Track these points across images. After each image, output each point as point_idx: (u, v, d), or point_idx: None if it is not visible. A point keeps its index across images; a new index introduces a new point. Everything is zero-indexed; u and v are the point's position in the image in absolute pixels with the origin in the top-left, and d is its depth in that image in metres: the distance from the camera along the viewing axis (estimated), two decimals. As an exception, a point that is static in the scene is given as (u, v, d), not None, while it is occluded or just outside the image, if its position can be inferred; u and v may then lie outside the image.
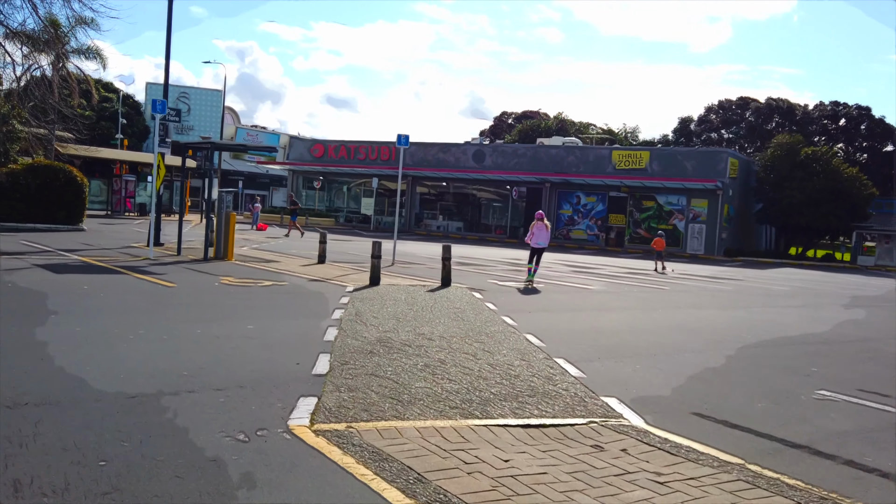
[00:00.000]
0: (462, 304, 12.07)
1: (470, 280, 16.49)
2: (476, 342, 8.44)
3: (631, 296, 16.33)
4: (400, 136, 19.94)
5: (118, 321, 8.36)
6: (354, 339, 8.11)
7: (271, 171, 67.43)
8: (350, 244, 28.81)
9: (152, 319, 8.67)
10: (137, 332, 7.75)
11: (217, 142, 18.18)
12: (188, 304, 10.32)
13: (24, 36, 28.29)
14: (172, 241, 20.25)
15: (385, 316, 10.03)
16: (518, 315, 11.03)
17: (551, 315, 11.82)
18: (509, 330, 9.53)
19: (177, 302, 10.37)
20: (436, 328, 9.27)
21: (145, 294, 10.93)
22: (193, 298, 10.96)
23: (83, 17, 36.68)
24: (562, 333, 9.71)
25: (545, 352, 8.11)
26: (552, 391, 6.27)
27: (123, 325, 8.11)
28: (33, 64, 33.81)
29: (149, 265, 15.28)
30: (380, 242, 14.56)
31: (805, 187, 44.38)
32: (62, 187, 26.07)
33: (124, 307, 9.51)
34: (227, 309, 9.93)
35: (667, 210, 45.38)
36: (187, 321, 8.78)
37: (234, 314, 9.47)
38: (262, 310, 10.14)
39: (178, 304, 10.23)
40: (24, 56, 31.50)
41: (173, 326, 8.30)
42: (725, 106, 68.96)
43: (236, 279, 13.58)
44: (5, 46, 27.67)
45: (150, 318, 8.73)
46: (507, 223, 50.34)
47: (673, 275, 23.94)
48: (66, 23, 32.82)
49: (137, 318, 8.71)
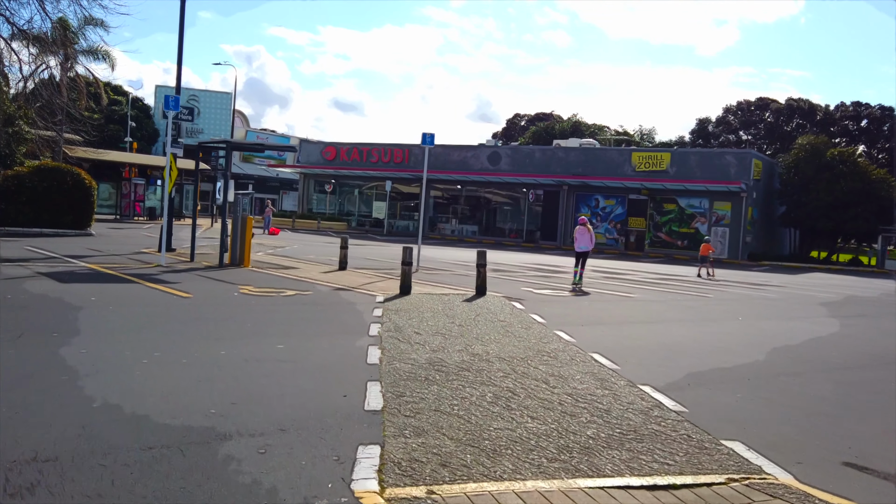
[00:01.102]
0: (506, 316, 10.95)
1: (503, 288, 15.36)
2: (541, 364, 7.32)
3: (678, 304, 15.16)
4: (425, 134, 18.86)
5: (130, 341, 7.28)
6: (402, 361, 7.00)
7: (282, 174, 66.51)
8: (367, 249, 27.72)
9: (169, 338, 7.59)
10: (153, 354, 6.67)
11: (233, 140, 17.12)
12: (207, 318, 9.23)
13: (31, 36, 27.38)
14: (185, 247, 19.24)
15: (428, 331, 8.92)
16: (571, 329, 9.91)
17: (606, 329, 10.68)
18: (571, 348, 8.40)
19: (195, 316, 9.28)
20: (489, 346, 8.15)
21: (159, 307, 9.86)
22: (213, 311, 9.88)
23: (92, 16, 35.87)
24: (629, 352, 8.57)
25: (623, 376, 6.98)
26: (658, 432, 5.14)
27: (136, 345, 7.03)
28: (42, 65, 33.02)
29: (161, 273, 14.24)
30: (410, 248, 13.46)
31: (832, 189, 42.99)
32: (69, 190, 25.11)
33: (137, 323, 8.44)
34: (251, 324, 8.84)
35: (688, 213, 44.10)
36: (209, 340, 7.69)
37: (259, 330, 8.38)
38: (291, 325, 9.05)
39: (196, 318, 9.14)
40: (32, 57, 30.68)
41: (193, 347, 7.21)
42: (744, 107, 67.58)
43: (256, 288, 12.51)
44: (12, 45, 26.76)
45: (167, 337, 7.64)
46: (524, 227, 49.13)
47: (710, 280, 22.74)
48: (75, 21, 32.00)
49: (152, 336, 7.63)
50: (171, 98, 15.38)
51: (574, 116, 76.33)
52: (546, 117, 79.62)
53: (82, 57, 38.10)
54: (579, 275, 16.87)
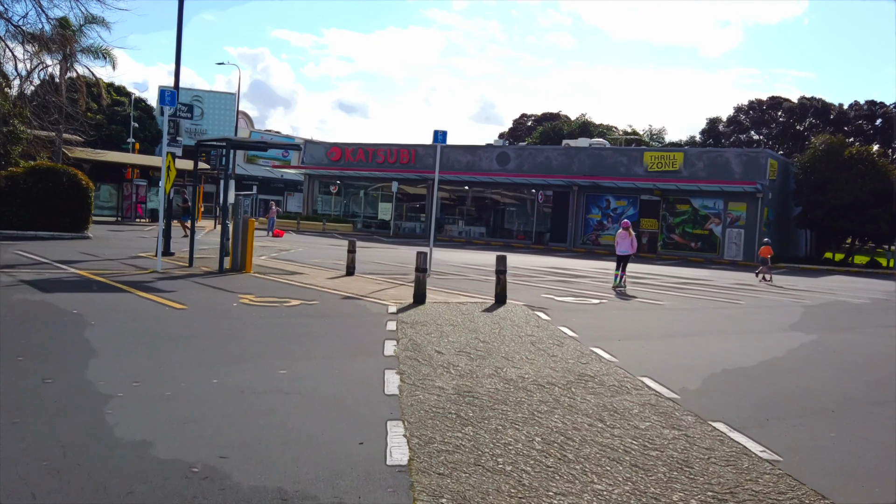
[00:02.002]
0: (532, 329, 9.89)
1: (521, 295, 14.29)
2: (587, 393, 6.26)
3: (712, 313, 14.06)
4: (436, 132, 17.79)
5: (108, 366, 6.24)
6: (426, 390, 5.94)
7: (286, 175, 65.51)
8: (374, 252, 26.67)
9: (154, 362, 6.54)
10: (132, 384, 5.63)
11: (234, 138, 16.09)
12: (201, 335, 8.18)
13: (26, 33, 26.44)
14: (184, 251, 18.21)
15: (449, 349, 7.86)
16: (608, 345, 8.84)
17: (647, 345, 9.60)
18: (615, 370, 7.33)
19: (187, 333, 8.23)
20: (522, 369, 7.09)
21: (148, 321, 8.82)
22: (208, 327, 8.83)
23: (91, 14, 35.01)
24: (682, 374, 7.49)
25: (687, 409, 5.91)
26: (761, 496, 4.07)
27: (114, 372, 5.99)
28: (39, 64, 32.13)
29: (156, 280, 13.21)
30: (424, 254, 12.40)
31: (851, 189, 41.75)
32: (66, 192, 24.12)
33: (119, 343, 7.39)
34: (250, 342, 7.80)
35: (702, 214, 42.89)
36: (200, 363, 6.64)
37: (260, 350, 7.33)
38: (295, 342, 8.00)
39: (188, 335, 8.09)
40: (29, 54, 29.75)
41: (182, 373, 6.17)
42: (756, 106, 66.33)
43: (258, 297, 11.47)
44: (6, 42, 25.80)
45: (152, 361, 6.60)
46: (532, 229, 47.99)
47: (765, 284, 21.65)
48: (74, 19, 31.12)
49: (135, 360, 6.59)
50: (167, 92, 14.35)
51: (582, 116, 75.23)
52: (553, 117, 78.49)
53: (82, 56, 37.25)
54: (621, 278, 17.46)
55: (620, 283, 17.54)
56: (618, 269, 17.75)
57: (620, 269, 17.68)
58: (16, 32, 26.13)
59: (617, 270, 17.75)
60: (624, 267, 17.77)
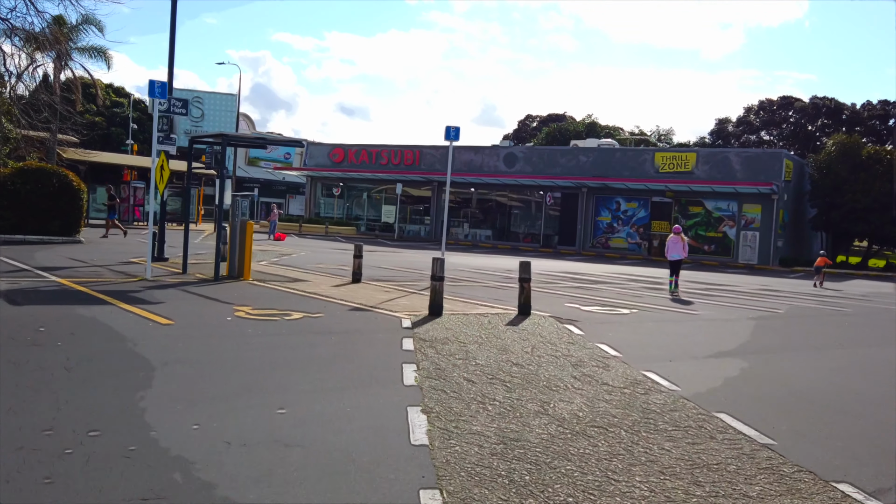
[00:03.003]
0: (568, 347, 8.64)
1: (543, 303, 13.02)
2: (665, 440, 5.01)
3: (756, 324, 12.77)
4: (448, 128, 16.61)
5: (63, 405, 5.00)
6: (463, 439, 4.70)
7: (288, 177, 64.33)
8: (379, 256, 25.43)
9: (123, 399, 5.30)
10: (87, 434, 4.39)
11: (230, 134, 14.85)
12: (186, 359, 6.93)
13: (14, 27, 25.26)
14: (180, 255, 16.98)
15: (481, 376, 6.62)
16: (661, 367, 7.60)
17: (703, 366, 8.34)
18: (684, 405, 6.08)
19: (169, 357, 6.97)
20: (573, 403, 5.85)
21: (126, 342, 7.57)
22: (195, 347, 7.58)
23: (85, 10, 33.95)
24: (764, 407, 6.24)
25: (798, 463, 4.66)
26: None
27: (69, 414, 4.76)
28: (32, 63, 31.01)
29: (144, 289, 11.98)
30: (441, 260, 11.15)
31: (869, 191, 40.41)
32: (56, 194, 22.93)
33: (85, 371, 6.15)
34: (243, 369, 6.57)
35: (716, 216, 41.59)
36: (180, 399, 5.39)
37: (255, 380, 6.10)
38: (297, 369, 6.75)
39: (170, 360, 6.84)
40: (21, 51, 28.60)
41: (155, 415, 4.92)
42: (766, 106, 65.01)
43: (255, 310, 10.23)
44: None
45: (120, 397, 5.36)
46: (540, 231, 46.67)
47: (760, 290, 20.38)
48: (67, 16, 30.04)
49: (99, 395, 5.35)
50: (156, 84, 13.12)
51: (589, 117, 73.99)
52: (559, 118, 77.26)
53: (77, 55, 36.16)
54: (675, 283, 17.63)
55: (675, 288, 17.57)
56: (672, 275, 17.83)
57: (675, 275, 17.77)
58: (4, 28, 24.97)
59: (671, 277, 17.83)
60: (678, 272, 17.89)
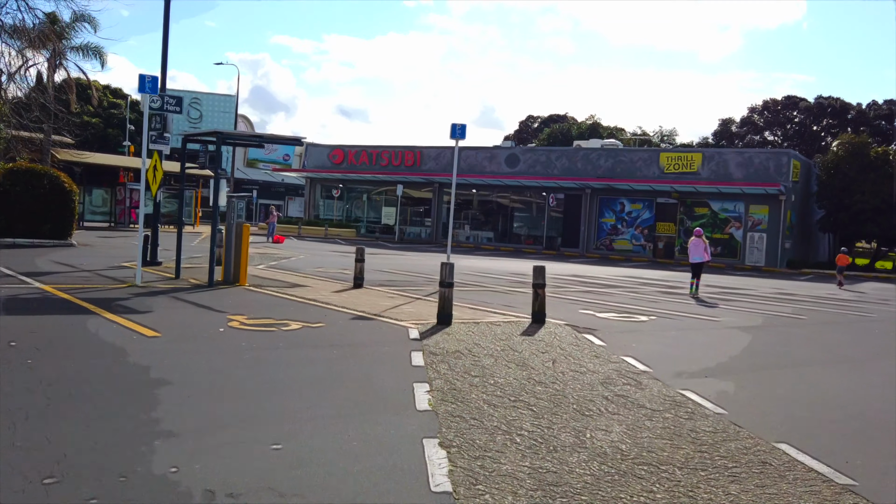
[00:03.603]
0: (592, 361, 7.89)
1: (556, 310, 12.24)
2: (728, 480, 4.26)
3: (785, 332, 12.03)
4: (454, 125, 15.85)
5: (21, 442, 4.24)
6: (492, 484, 3.94)
7: (287, 179, 63.63)
8: (381, 259, 24.68)
9: (91, 432, 4.54)
10: (41, 483, 3.63)
11: (224, 131, 14.09)
12: (170, 380, 6.16)
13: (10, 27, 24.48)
14: (173, 259, 16.20)
15: (502, 399, 5.87)
16: (698, 384, 6.86)
17: (745, 383, 7.57)
18: (735, 430, 5.33)
19: (151, 377, 6.20)
20: (611, 431, 5.10)
21: (105, 357, 6.81)
22: (182, 365, 6.80)
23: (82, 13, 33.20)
24: (826, 433, 5.50)
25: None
26: None
27: (27, 454, 4.00)
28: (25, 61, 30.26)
29: (132, 296, 11.23)
30: (450, 265, 10.40)
31: (878, 192, 39.62)
32: (47, 195, 22.18)
33: (51, 396, 5.38)
34: (235, 391, 5.81)
35: (722, 217, 40.83)
36: (159, 433, 4.63)
37: (247, 407, 5.34)
38: (295, 391, 5.99)
39: (152, 380, 6.07)
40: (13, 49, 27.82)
41: (127, 454, 4.16)
42: (770, 106, 64.29)
43: (251, 319, 9.48)
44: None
45: (88, 429, 4.59)
46: (543, 233, 45.89)
47: (775, 294, 19.63)
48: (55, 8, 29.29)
49: (66, 427, 4.59)
50: (146, 78, 12.36)
51: (592, 117, 73.29)
52: (560, 119, 76.54)
53: (72, 54, 35.43)
54: (696, 286, 17.86)
55: (695, 291, 17.79)
56: (693, 277, 18.08)
57: (696, 278, 18.00)
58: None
59: (693, 279, 18.06)
60: (699, 274, 18.10)
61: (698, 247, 18.31)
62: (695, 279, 18.01)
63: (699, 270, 18.13)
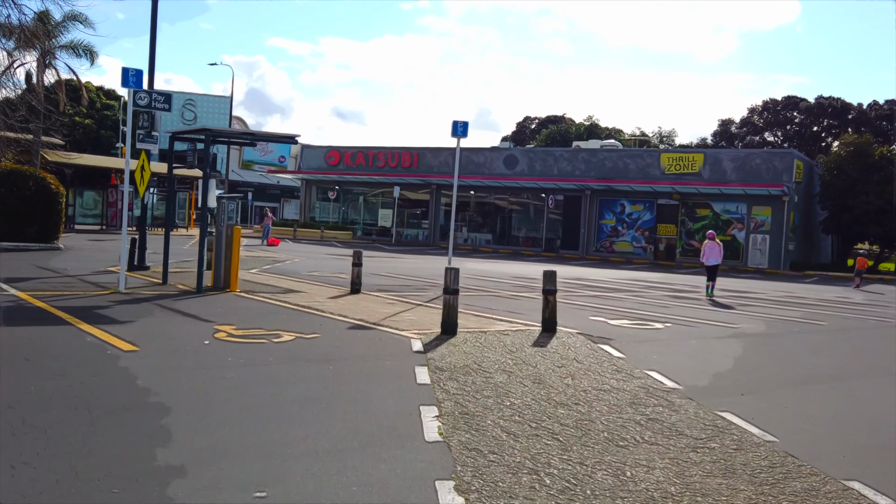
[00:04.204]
0: (614, 376, 7.16)
1: (565, 317, 11.56)
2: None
3: (811, 340, 11.31)
4: (456, 122, 15.13)
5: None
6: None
7: (282, 181, 62.84)
8: (378, 262, 23.95)
9: (39, 475, 3.79)
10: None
11: (214, 129, 13.33)
12: (142, 404, 5.40)
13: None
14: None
15: (521, 425, 5.13)
16: (736, 404, 6.14)
17: (786, 401, 6.85)
18: (793, 464, 4.60)
19: (120, 401, 5.44)
20: (655, 469, 4.36)
21: (72, 376, 6.05)
22: (157, 385, 6.03)
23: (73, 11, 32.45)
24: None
25: None
26: None
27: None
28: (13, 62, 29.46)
29: (114, 304, 10.47)
30: (455, 270, 9.67)
31: (883, 192, 39.01)
32: (32, 197, 21.40)
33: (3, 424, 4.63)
34: (215, 418, 5.06)
35: (724, 219, 40.14)
36: (119, 474, 3.88)
37: (227, 439, 4.59)
38: (285, 418, 5.23)
39: (120, 406, 5.31)
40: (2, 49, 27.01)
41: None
42: (770, 106, 63.67)
43: (240, 329, 8.72)
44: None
45: (32, 471, 3.84)
46: (542, 235, 45.16)
47: (786, 298, 18.95)
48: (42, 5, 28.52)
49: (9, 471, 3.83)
50: (130, 72, 11.60)
51: (590, 118, 72.64)
52: (558, 120, 75.87)
53: (61, 52, 34.60)
54: (712, 288, 18.27)
55: (711, 293, 18.16)
56: (709, 280, 18.47)
57: (712, 280, 18.39)
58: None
59: (708, 281, 18.46)
60: (714, 277, 18.48)
61: (714, 249, 18.68)
62: (710, 281, 18.40)
63: (714, 273, 18.52)
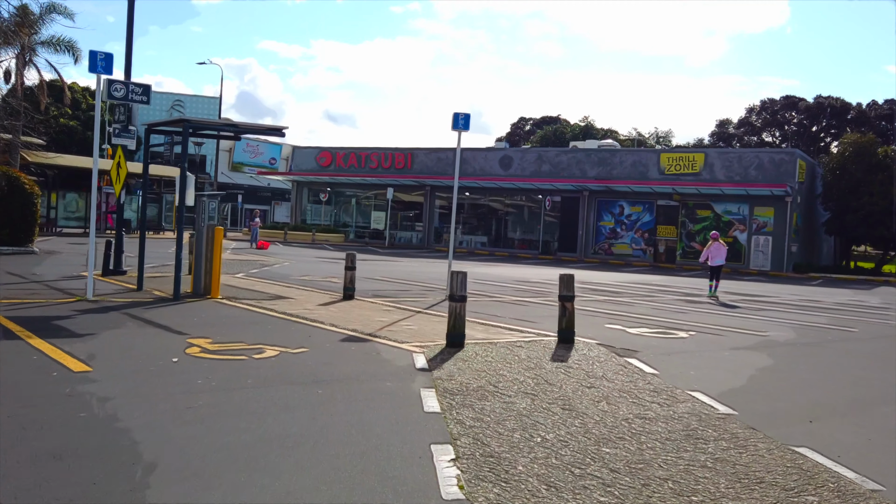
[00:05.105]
0: (653, 398, 6.08)
1: (578, 324, 10.43)
2: None
3: (850, 350, 10.26)
4: (457, 115, 14.04)
5: None
6: None
7: (273, 183, 61.60)
8: (372, 265, 22.82)
9: None
10: None
11: (192, 119, 12.16)
12: (80, 447, 4.24)
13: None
14: (149, 267, 14.22)
15: (562, 471, 4.04)
16: (809, 435, 5.09)
17: (864, 428, 5.79)
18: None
19: (54, 442, 4.29)
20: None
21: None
22: (105, 419, 4.90)
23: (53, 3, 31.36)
24: None
25: None
26: None
27: None
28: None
29: (77, 313, 9.31)
30: (463, 273, 8.57)
31: (887, 193, 38.14)
32: (5, 198, 20.23)
33: None
34: (171, 467, 3.94)
35: (725, 220, 39.16)
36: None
37: (184, 494, 3.47)
38: (260, 466, 4.10)
39: (50, 451, 4.16)
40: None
41: None
42: (768, 106, 62.92)
43: (216, 343, 7.59)
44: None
45: None
46: (539, 237, 44.11)
47: (803, 302, 17.94)
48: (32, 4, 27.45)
49: None
50: (98, 56, 10.45)
51: (585, 119, 71.72)
52: (553, 120, 74.95)
53: (42, 49, 33.39)
54: (715, 287, 18.66)
55: (714, 292, 18.43)
56: (712, 279, 18.80)
57: (715, 280, 18.73)
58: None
59: (711, 281, 18.78)
60: (718, 277, 18.84)
61: (720, 250, 19.11)
62: (713, 281, 18.77)
63: (718, 273, 18.88)
